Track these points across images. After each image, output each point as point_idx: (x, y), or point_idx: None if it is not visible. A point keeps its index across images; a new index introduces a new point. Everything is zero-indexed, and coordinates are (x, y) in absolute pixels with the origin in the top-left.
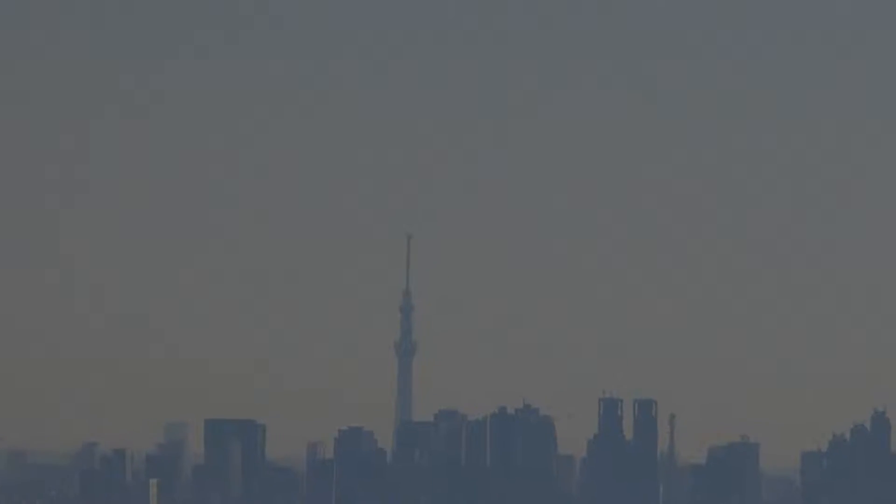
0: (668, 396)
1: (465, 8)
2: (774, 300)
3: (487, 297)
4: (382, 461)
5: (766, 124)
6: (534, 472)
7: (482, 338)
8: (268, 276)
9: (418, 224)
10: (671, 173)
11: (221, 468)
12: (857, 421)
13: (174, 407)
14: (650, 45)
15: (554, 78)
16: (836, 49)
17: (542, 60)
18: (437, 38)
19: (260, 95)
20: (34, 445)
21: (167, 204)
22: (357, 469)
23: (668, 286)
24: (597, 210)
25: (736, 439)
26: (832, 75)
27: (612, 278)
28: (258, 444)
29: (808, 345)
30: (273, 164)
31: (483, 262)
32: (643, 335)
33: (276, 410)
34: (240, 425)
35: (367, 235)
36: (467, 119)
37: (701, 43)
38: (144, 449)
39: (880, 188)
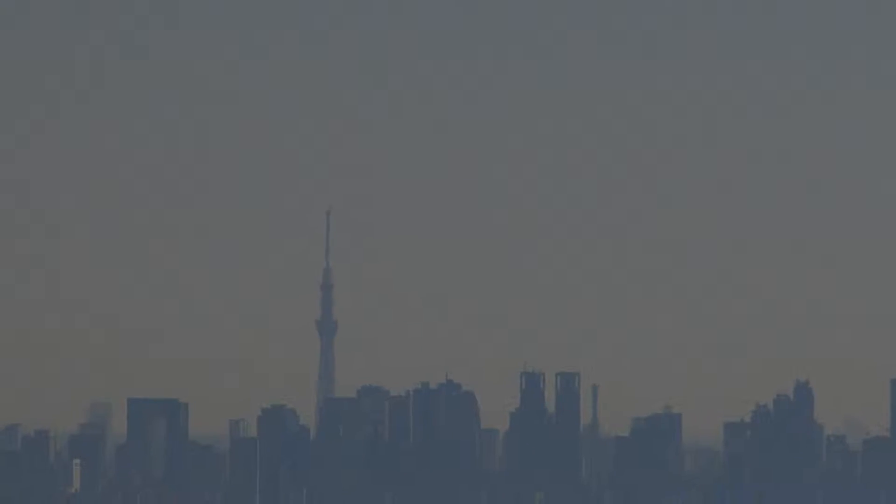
0: (591, 369)
1: None
2: (696, 271)
3: (408, 273)
4: (306, 438)
5: None
6: (457, 446)
7: (403, 314)
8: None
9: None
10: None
11: (144, 447)
12: (781, 391)
13: (97, 387)
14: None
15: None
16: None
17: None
18: None
19: None
20: None
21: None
22: (281, 446)
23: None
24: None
25: (659, 411)
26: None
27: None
28: (181, 423)
29: (730, 315)
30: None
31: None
32: (565, 308)
33: (198, 390)
34: (162, 404)
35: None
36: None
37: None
38: (67, 430)
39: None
